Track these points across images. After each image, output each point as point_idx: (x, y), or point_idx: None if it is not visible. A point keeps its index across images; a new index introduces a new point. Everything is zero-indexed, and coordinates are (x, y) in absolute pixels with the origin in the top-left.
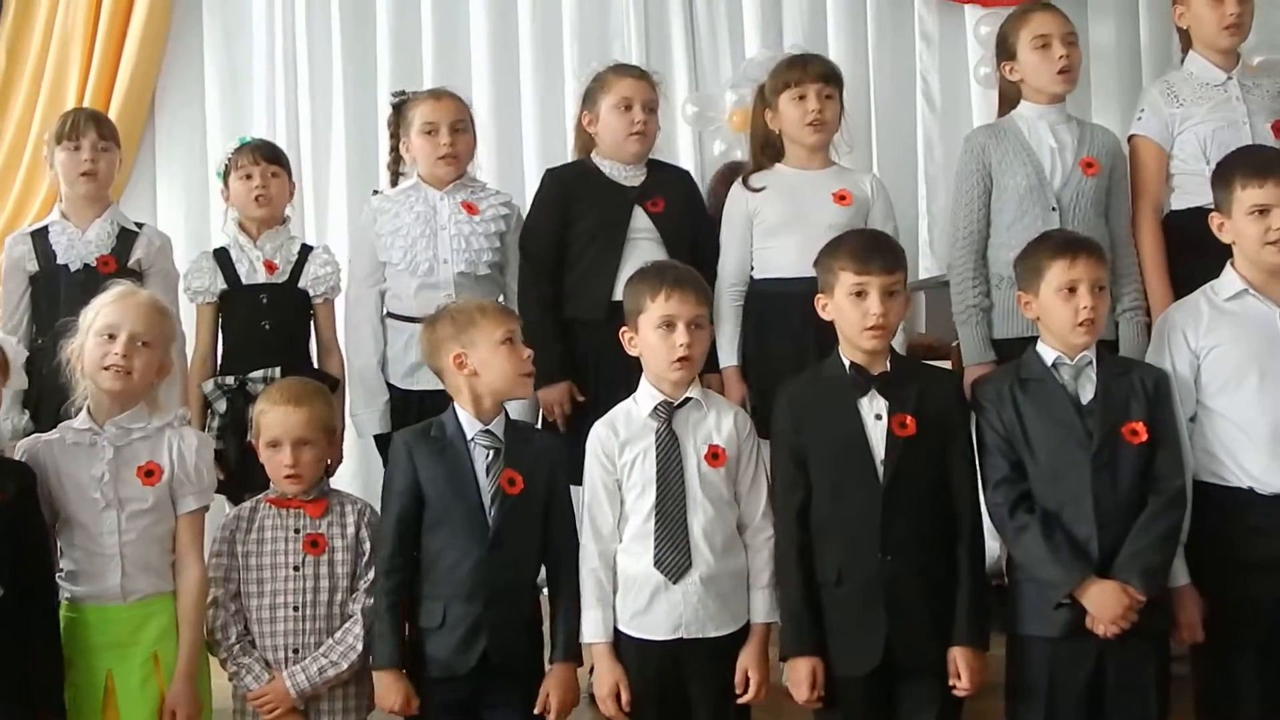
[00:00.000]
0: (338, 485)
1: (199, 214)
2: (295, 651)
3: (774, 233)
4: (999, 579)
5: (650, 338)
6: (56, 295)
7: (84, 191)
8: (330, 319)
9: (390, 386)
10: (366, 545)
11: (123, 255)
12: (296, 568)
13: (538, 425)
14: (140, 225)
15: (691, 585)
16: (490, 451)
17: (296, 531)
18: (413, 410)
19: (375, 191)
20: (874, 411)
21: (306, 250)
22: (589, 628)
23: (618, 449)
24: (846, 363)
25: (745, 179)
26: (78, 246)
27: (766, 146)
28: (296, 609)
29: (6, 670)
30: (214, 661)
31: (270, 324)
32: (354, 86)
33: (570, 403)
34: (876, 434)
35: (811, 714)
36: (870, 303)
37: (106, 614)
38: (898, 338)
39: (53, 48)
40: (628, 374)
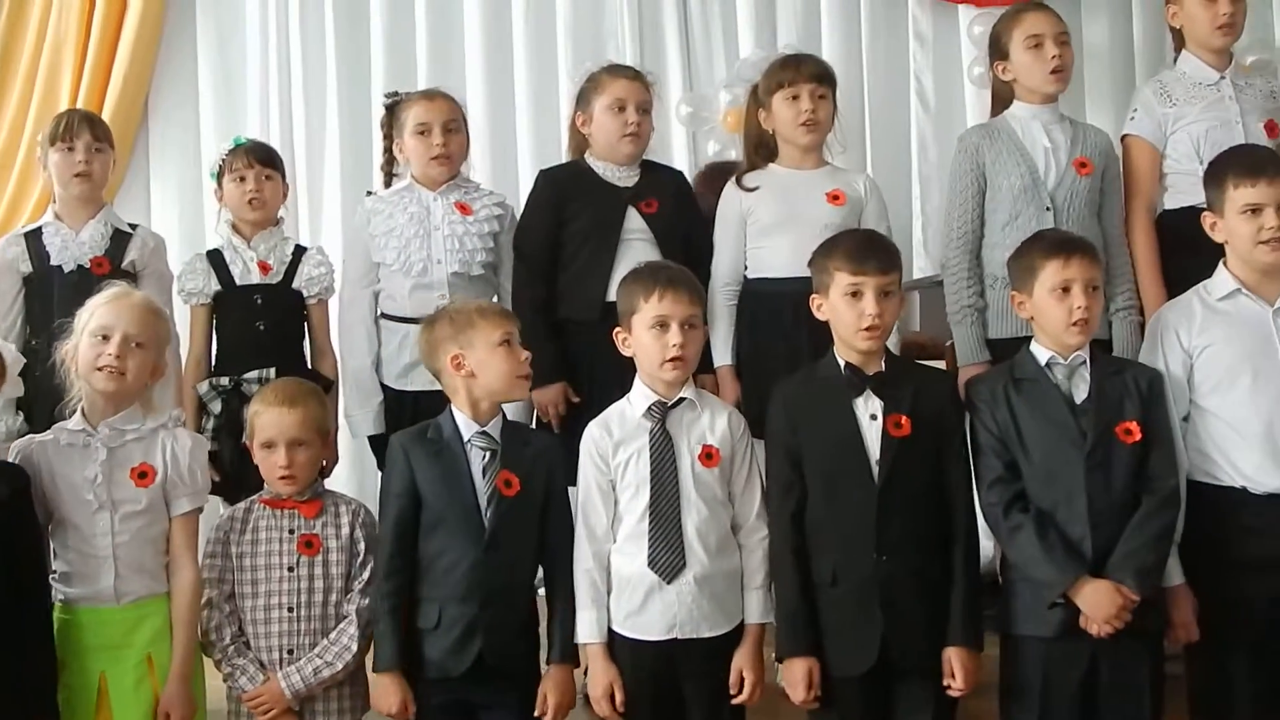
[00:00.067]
0: (331, 486)
1: (193, 215)
2: (290, 652)
3: (768, 232)
4: (993, 579)
5: (644, 338)
6: (50, 297)
7: (78, 193)
8: (324, 320)
9: (384, 387)
10: (361, 546)
11: (117, 256)
12: (291, 568)
13: (532, 426)
14: (134, 226)
15: (686, 585)
16: (487, 453)
17: (291, 532)
18: (407, 411)
19: (369, 192)
20: (869, 412)
21: (300, 251)
22: (583, 628)
23: (612, 449)
24: (841, 363)
25: (739, 179)
26: (71, 248)
27: (760, 146)
28: (291, 610)
29: None
30: (208, 663)
31: (264, 324)
32: (348, 87)
33: (564, 403)
34: (871, 434)
35: (807, 714)
36: (865, 303)
37: (100, 615)
38: (892, 338)
39: (46, 49)
40: (622, 374)
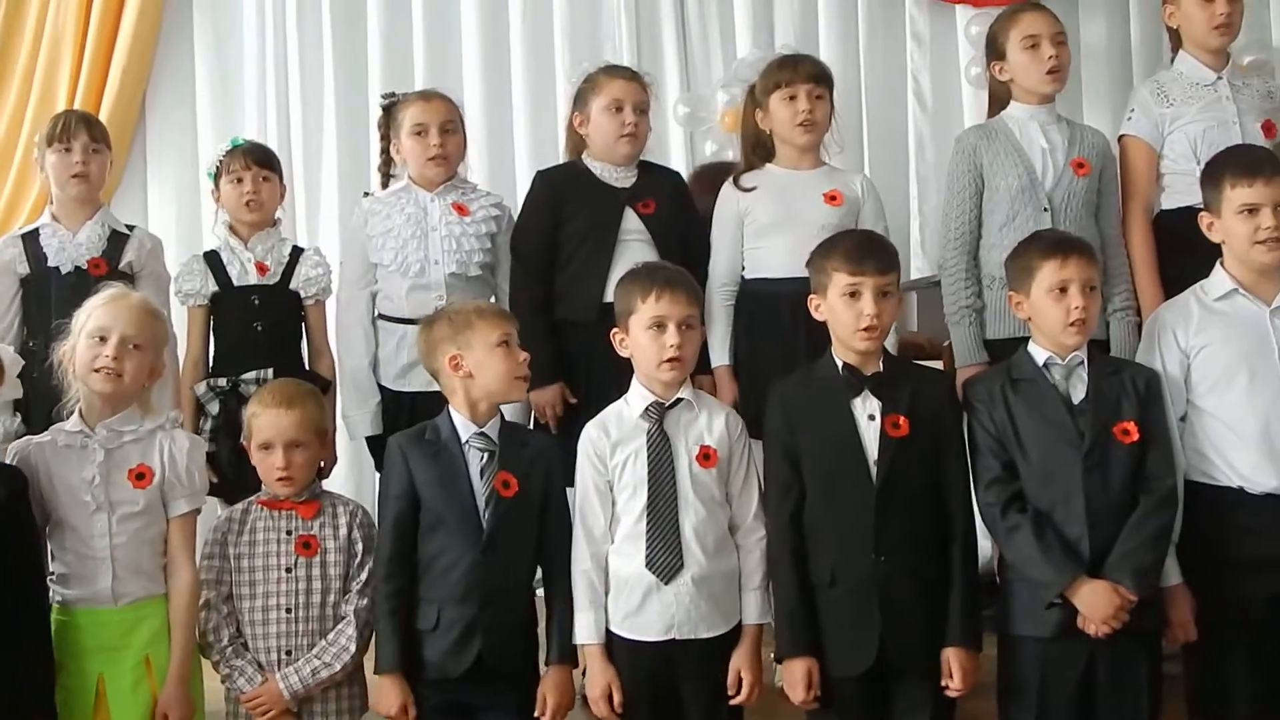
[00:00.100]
0: (329, 487)
1: (190, 216)
2: (288, 653)
3: (765, 233)
4: (991, 579)
5: (641, 339)
6: (47, 298)
7: (75, 194)
8: (321, 321)
9: (382, 388)
10: (359, 547)
11: (114, 258)
12: (289, 569)
13: (530, 427)
14: (131, 227)
15: (683, 586)
16: (485, 454)
17: (288, 533)
18: (404, 412)
19: (366, 193)
20: (867, 412)
21: (297, 252)
22: (581, 629)
23: (609, 450)
24: (839, 363)
25: (736, 179)
26: (69, 249)
27: (757, 147)
28: (289, 611)
29: None
30: (206, 664)
31: (262, 325)
32: (345, 88)
33: (562, 404)
34: (869, 435)
35: (805, 715)
36: (864, 303)
37: (98, 617)
38: (889, 338)
39: (43, 49)
40: (619, 375)
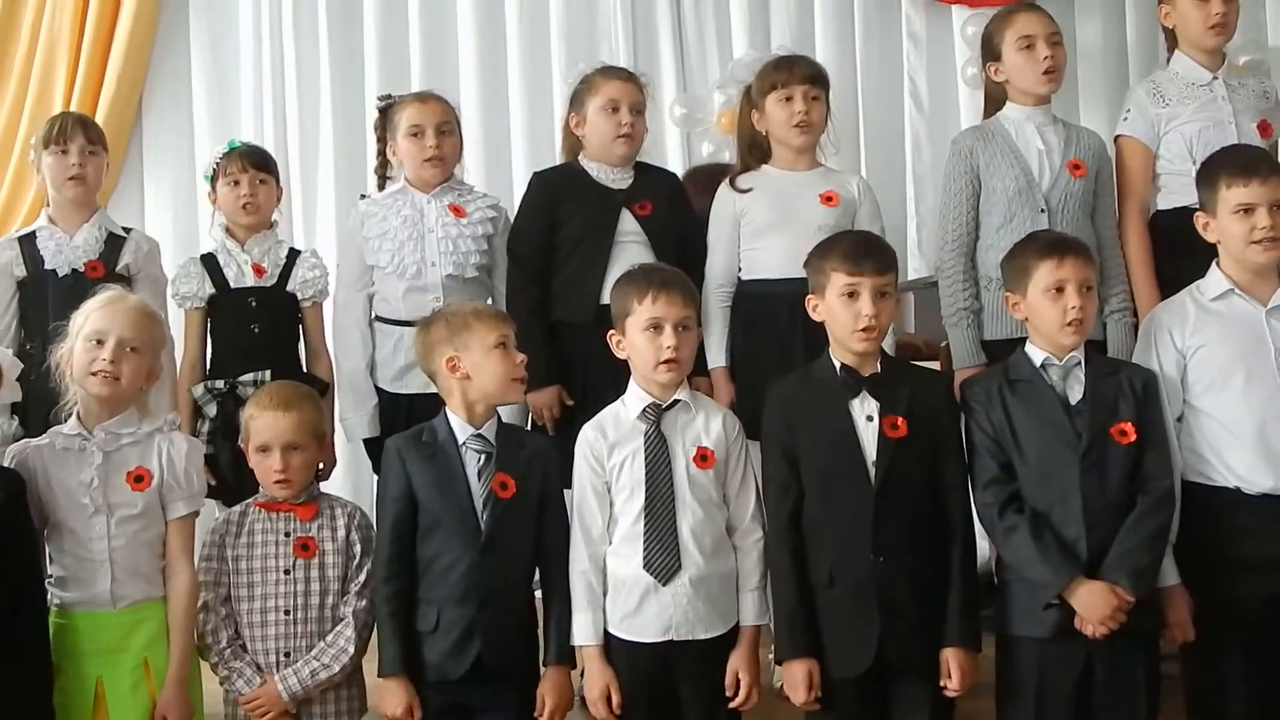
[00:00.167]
0: (327, 489)
1: (187, 218)
2: (287, 655)
3: (761, 234)
4: (989, 579)
5: (638, 340)
6: (44, 301)
7: (72, 196)
8: (318, 323)
9: (379, 390)
10: (357, 548)
11: (111, 260)
12: (287, 571)
13: (527, 429)
14: (128, 230)
15: (681, 587)
16: (482, 456)
17: (287, 535)
18: (402, 414)
19: (363, 195)
20: (865, 413)
21: (294, 254)
22: (579, 630)
23: (606, 451)
24: (837, 364)
25: (732, 180)
26: (65, 252)
27: (753, 148)
28: (288, 612)
29: None
30: (205, 666)
31: (259, 327)
32: (341, 89)
33: (559, 406)
34: (868, 435)
35: (804, 716)
36: (862, 304)
37: (96, 620)
38: (887, 339)
39: (39, 51)
40: (616, 377)
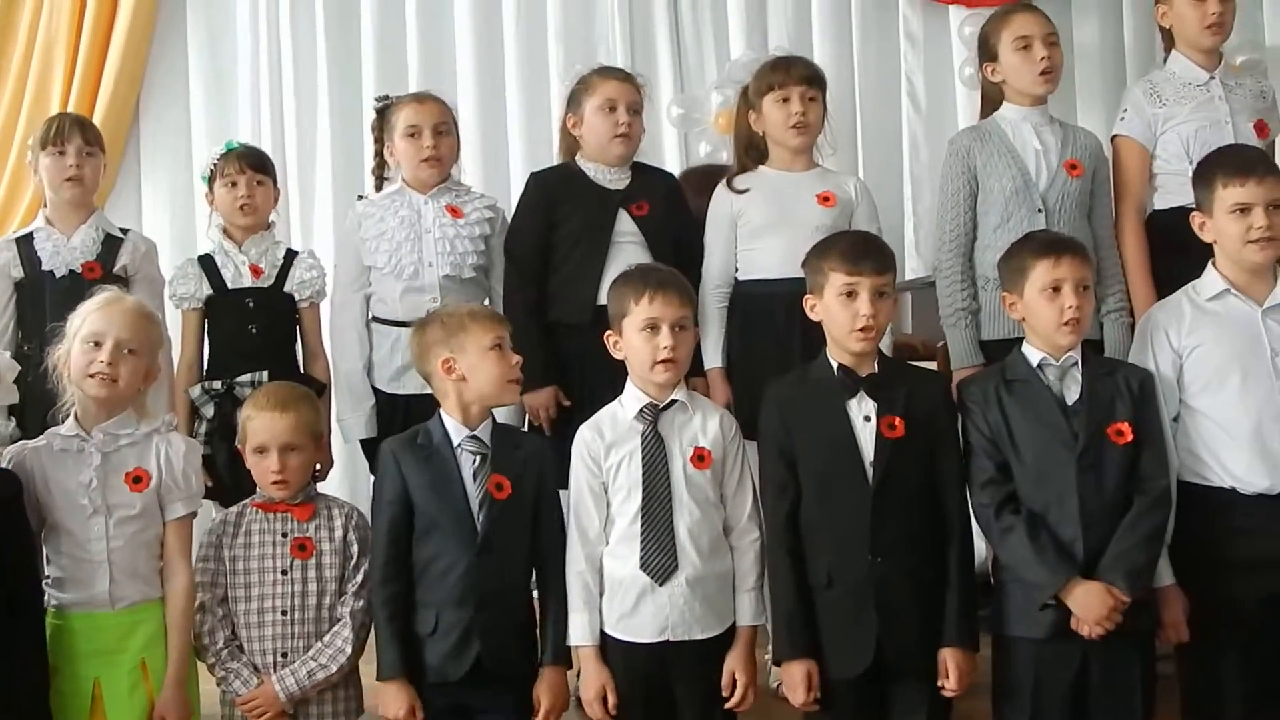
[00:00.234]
0: (324, 489)
1: (184, 219)
2: (284, 655)
3: (758, 234)
4: (986, 579)
5: (634, 340)
6: (42, 302)
7: (69, 197)
8: (316, 324)
9: (376, 391)
10: (355, 549)
11: (108, 261)
12: (284, 571)
13: (524, 430)
14: (125, 231)
15: (678, 587)
16: (477, 457)
17: (284, 535)
18: (399, 414)
19: (360, 196)
20: (862, 413)
21: (292, 255)
22: (575, 631)
23: (603, 452)
24: (834, 364)
25: (729, 181)
26: (63, 253)
27: (750, 148)
28: (285, 613)
29: None
30: (203, 667)
31: (257, 328)
32: (339, 90)
33: (556, 407)
34: (865, 436)
35: (802, 717)
36: (860, 304)
37: (94, 621)
38: (884, 339)
39: (36, 52)
40: (613, 377)
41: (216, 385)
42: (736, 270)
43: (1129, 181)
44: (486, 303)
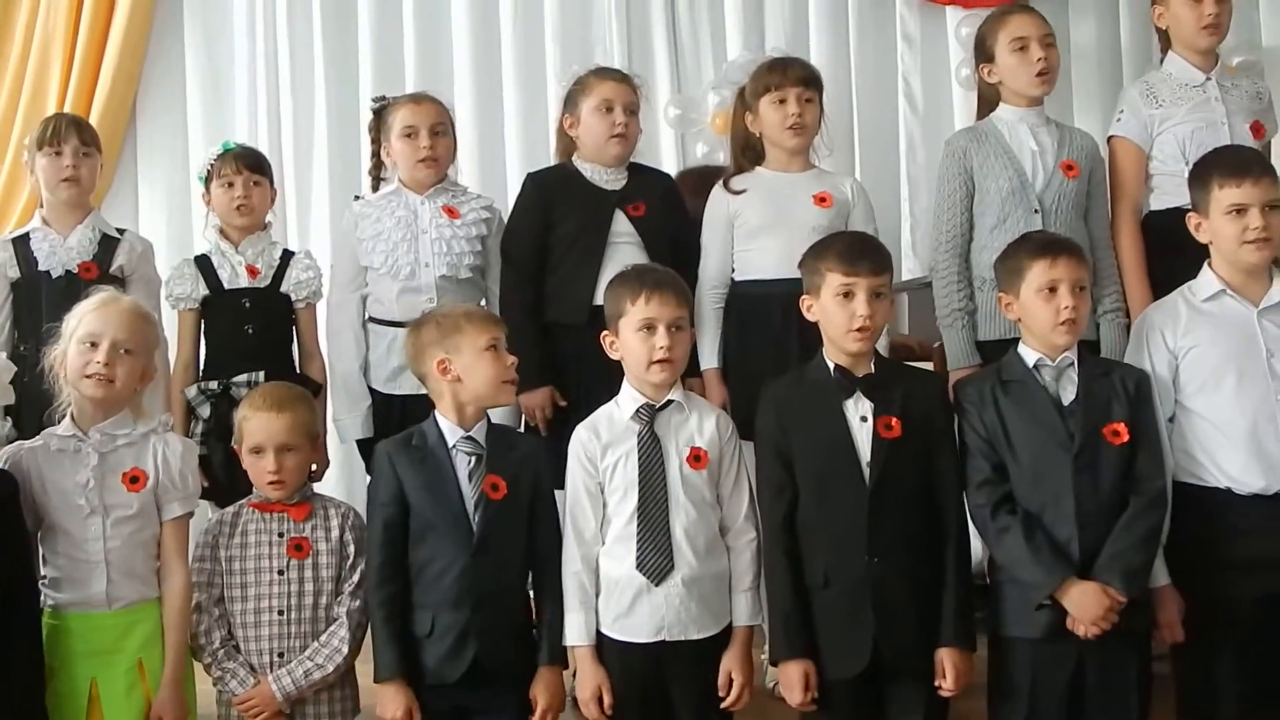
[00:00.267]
0: (320, 489)
1: (181, 219)
2: (280, 655)
3: (755, 235)
4: (982, 579)
5: (631, 341)
6: (38, 302)
7: (65, 197)
8: (312, 324)
9: (373, 391)
10: (351, 549)
11: (104, 261)
12: (281, 571)
13: (520, 430)
14: (122, 231)
15: (674, 587)
16: (472, 458)
17: (280, 535)
18: (395, 415)
19: (356, 197)
20: (859, 414)
21: (288, 255)
22: (572, 631)
23: (600, 452)
24: (831, 365)
25: (726, 182)
26: (59, 253)
27: (747, 149)
28: (281, 613)
29: None
30: (199, 667)
31: (253, 328)
32: (336, 90)
33: (552, 407)
34: (862, 436)
35: (799, 717)
36: (857, 304)
37: (91, 621)
38: (880, 340)
39: (33, 52)
40: (609, 378)
41: (213, 385)
42: (733, 271)
43: (1125, 182)
44: (483, 303)
